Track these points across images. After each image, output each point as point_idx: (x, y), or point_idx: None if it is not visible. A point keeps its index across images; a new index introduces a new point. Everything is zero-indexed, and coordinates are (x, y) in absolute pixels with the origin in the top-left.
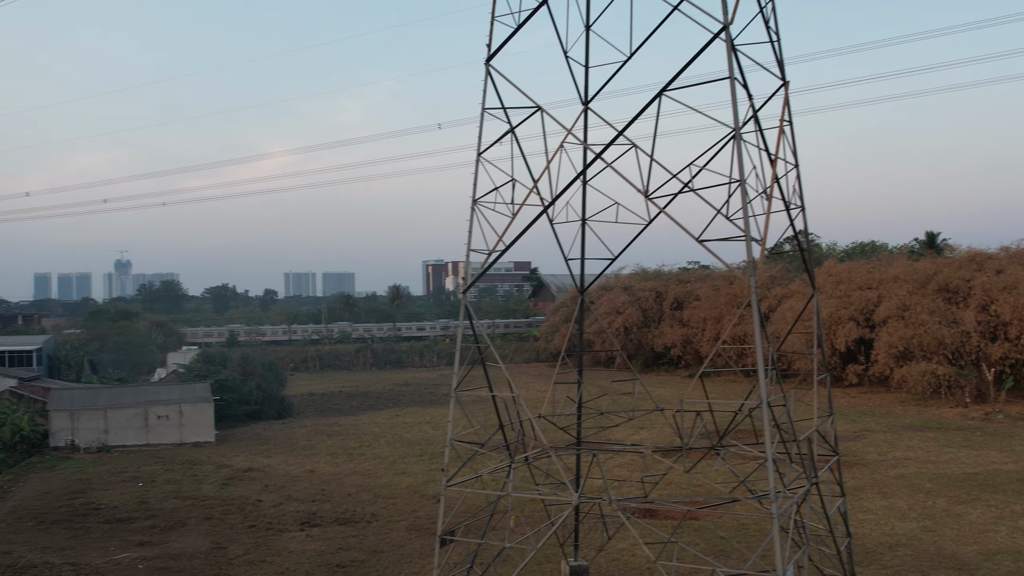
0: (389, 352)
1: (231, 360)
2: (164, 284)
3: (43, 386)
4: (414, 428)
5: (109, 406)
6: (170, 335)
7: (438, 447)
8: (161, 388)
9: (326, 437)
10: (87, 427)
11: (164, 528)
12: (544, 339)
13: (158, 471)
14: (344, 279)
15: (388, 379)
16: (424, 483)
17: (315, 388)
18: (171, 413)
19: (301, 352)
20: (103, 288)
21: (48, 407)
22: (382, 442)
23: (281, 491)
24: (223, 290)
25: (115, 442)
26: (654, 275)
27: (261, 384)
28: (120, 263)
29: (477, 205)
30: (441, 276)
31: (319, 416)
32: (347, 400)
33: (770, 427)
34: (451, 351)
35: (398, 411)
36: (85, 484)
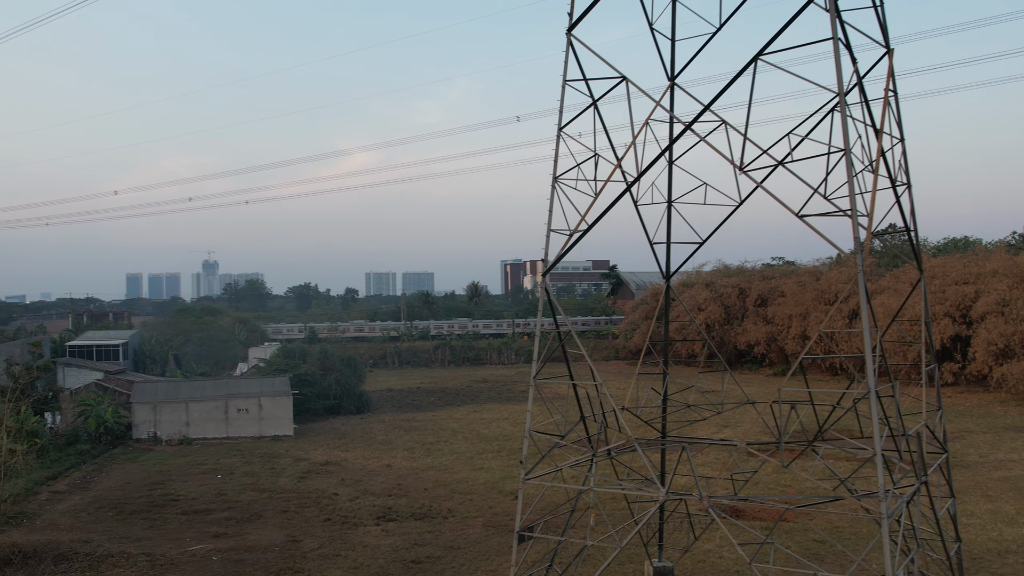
0: (467, 349)
1: (310, 355)
2: (249, 283)
3: (128, 379)
4: (491, 424)
5: (190, 399)
6: (252, 331)
7: (516, 443)
8: (241, 382)
9: (403, 432)
10: (169, 419)
11: (240, 520)
12: (623, 336)
13: (237, 463)
14: (424, 279)
15: (466, 376)
16: (501, 479)
17: (393, 384)
18: (251, 406)
19: (380, 348)
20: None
21: (132, 400)
22: (459, 438)
23: (357, 485)
24: (305, 289)
25: (196, 435)
26: (736, 271)
27: (340, 379)
28: (207, 263)
29: (558, 183)
30: (519, 275)
31: (397, 411)
32: (425, 396)
33: (879, 420)
34: (529, 348)
35: (476, 407)
36: (165, 475)
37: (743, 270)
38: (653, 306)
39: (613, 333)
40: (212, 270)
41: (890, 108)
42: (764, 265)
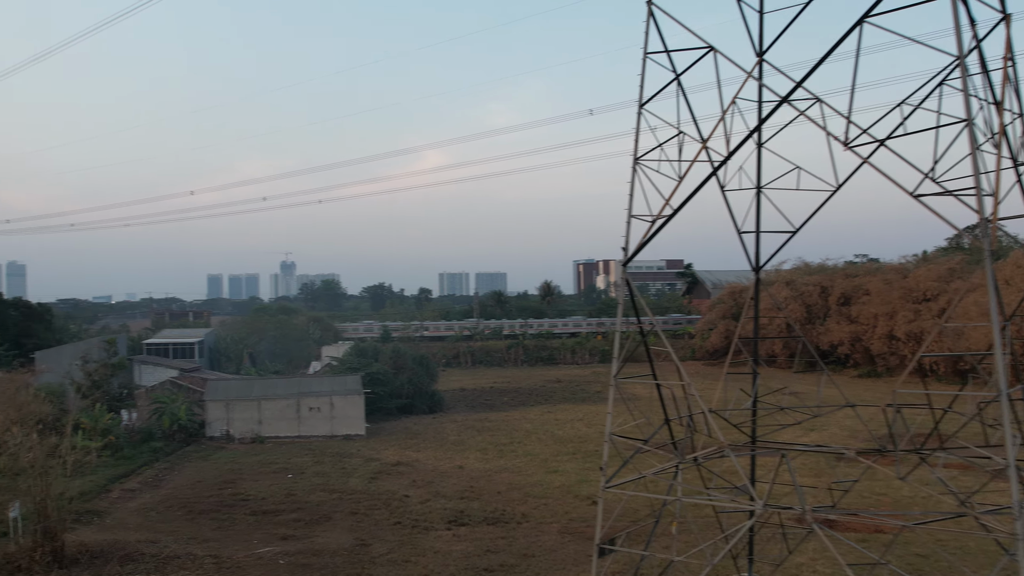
0: (540, 349)
1: (383, 354)
2: (324, 283)
3: (202, 377)
4: (566, 425)
5: (263, 397)
6: (326, 330)
7: (591, 445)
8: (313, 380)
9: (476, 433)
10: (241, 417)
11: (309, 522)
12: (700, 336)
13: (308, 463)
14: (496, 279)
15: (539, 375)
16: (577, 483)
17: (466, 383)
18: (322, 405)
19: (453, 348)
20: (269, 288)
21: (205, 397)
22: (533, 439)
23: (429, 487)
24: (380, 289)
25: (268, 433)
26: (818, 269)
27: (412, 378)
28: (285, 264)
29: (639, 164)
30: (592, 275)
31: (469, 411)
32: (498, 396)
33: (1011, 425)
34: (604, 348)
35: (550, 408)
36: (236, 474)
37: (824, 268)
38: (731, 305)
39: (689, 333)
40: (290, 271)
41: (1009, 82)
42: (847, 263)
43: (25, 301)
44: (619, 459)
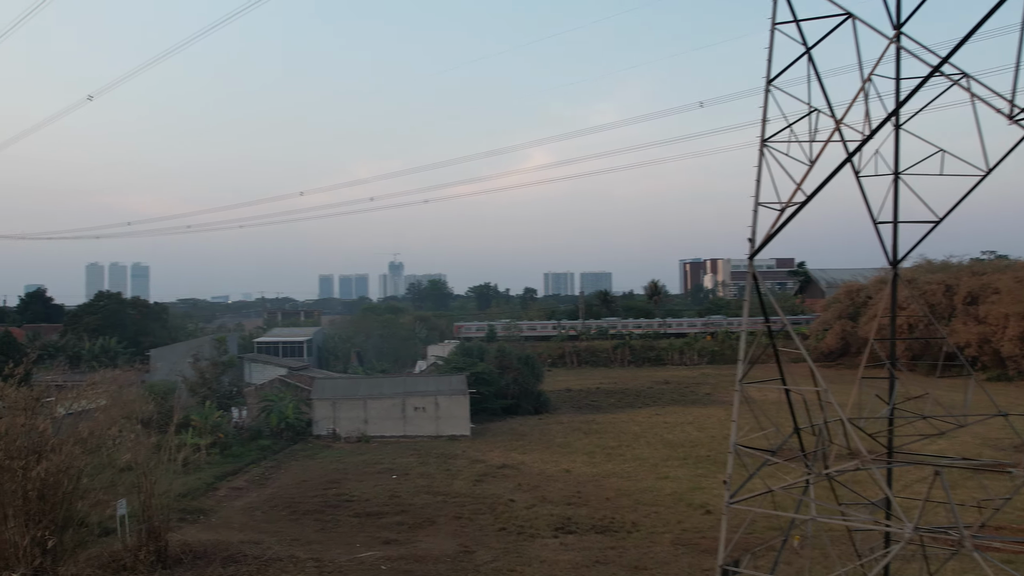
0: (648, 349)
1: (488, 353)
2: (431, 283)
3: (310, 375)
4: (676, 429)
5: (368, 396)
6: (432, 329)
7: (703, 450)
8: (419, 380)
9: (583, 435)
10: (347, 416)
11: (412, 526)
12: (814, 337)
13: (412, 463)
14: (601, 278)
15: (647, 376)
16: (690, 490)
17: (572, 384)
18: (428, 405)
19: (558, 347)
20: (378, 288)
21: (312, 396)
22: (642, 442)
23: (535, 491)
24: (485, 289)
25: (373, 432)
26: (941, 267)
27: (518, 378)
28: (393, 265)
29: (767, 146)
30: (699, 274)
31: (576, 412)
32: (605, 397)
33: None
34: (713, 348)
35: (658, 410)
36: (341, 474)
37: (948, 265)
38: (847, 304)
39: (803, 333)
40: (398, 271)
41: None
42: (972, 260)
43: (143, 300)
44: (743, 471)
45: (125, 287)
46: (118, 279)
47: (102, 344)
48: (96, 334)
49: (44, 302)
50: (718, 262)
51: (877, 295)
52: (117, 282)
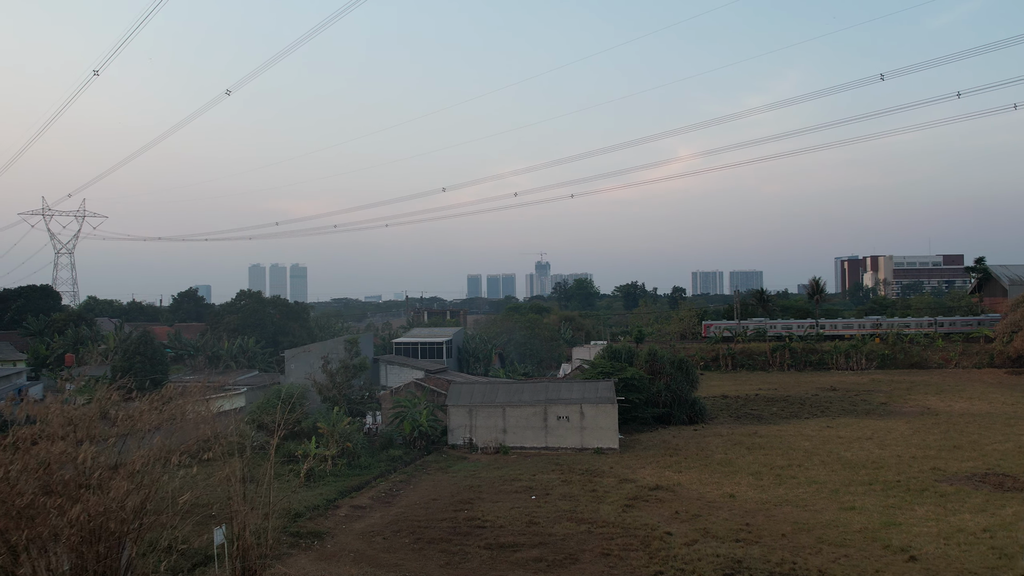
0: (809, 352)
1: (638, 356)
2: (577, 282)
3: (447, 378)
4: (852, 445)
5: (508, 404)
6: (578, 330)
7: (890, 473)
8: (562, 385)
9: (746, 450)
10: (485, 425)
11: (552, 563)
12: (1000, 340)
13: (554, 481)
14: (751, 277)
15: (809, 382)
16: (883, 526)
17: (728, 389)
18: (571, 414)
19: (712, 350)
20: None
21: (447, 402)
22: (815, 461)
23: (695, 521)
24: (632, 288)
25: (512, 443)
26: None
27: (670, 384)
28: (540, 264)
29: None
30: (858, 272)
31: (734, 423)
32: (765, 405)
33: None
34: (883, 352)
35: (828, 421)
36: (474, 492)
37: None
38: None
39: (986, 336)
40: (544, 271)
41: None
42: None
43: (283, 299)
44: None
45: (285, 287)
46: (278, 279)
47: (240, 344)
48: (236, 333)
49: (195, 301)
50: (879, 259)
51: None
52: (277, 282)
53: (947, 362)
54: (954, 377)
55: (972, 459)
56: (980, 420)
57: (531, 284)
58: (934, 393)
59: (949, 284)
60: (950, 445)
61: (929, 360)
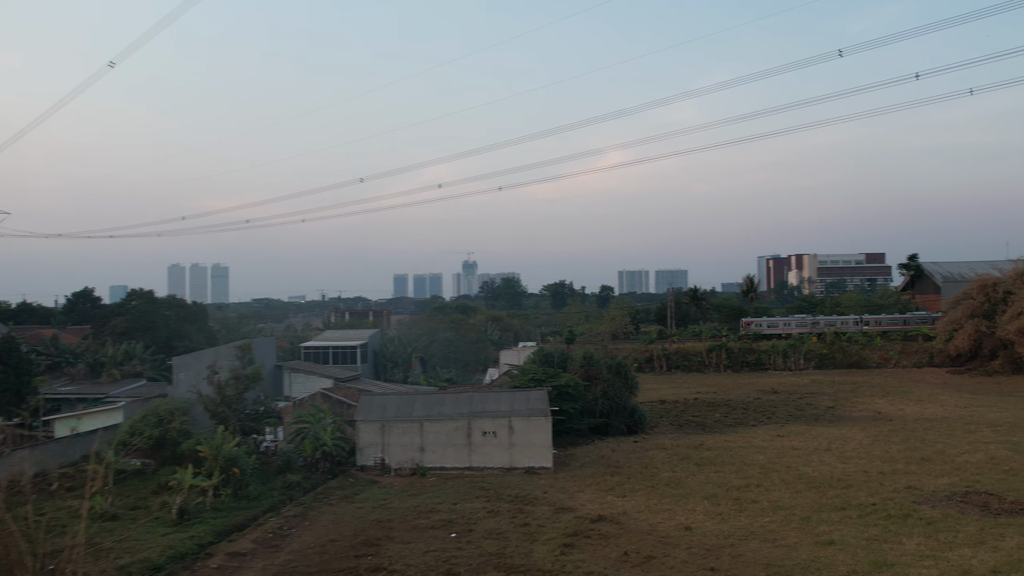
0: (746, 352)
1: (572, 360)
2: (504, 281)
3: (359, 388)
4: (811, 458)
5: (426, 418)
6: (505, 330)
7: (861, 494)
8: (488, 396)
9: (695, 467)
10: (399, 443)
11: None
12: (940, 339)
13: (479, 512)
14: (677, 276)
15: (748, 384)
16: (873, 568)
17: (665, 393)
18: (499, 429)
19: (645, 351)
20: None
21: (356, 417)
22: (775, 479)
23: (649, 566)
24: (560, 287)
25: (431, 462)
26: None
27: (607, 391)
28: (467, 264)
29: None
30: (783, 271)
31: (677, 432)
32: (707, 410)
33: None
34: (821, 352)
35: (778, 429)
36: (383, 529)
37: None
38: (981, 302)
39: (925, 334)
40: (471, 270)
41: None
42: None
43: (179, 300)
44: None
45: (206, 287)
46: (199, 280)
47: (126, 349)
48: (124, 338)
49: (92, 302)
50: (803, 257)
51: (1021, 290)
52: (198, 282)
53: (886, 361)
54: (896, 377)
55: (946, 474)
56: (938, 426)
57: (458, 284)
58: (880, 395)
59: (871, 282)
60: (917, 457)
61: (868, 359)
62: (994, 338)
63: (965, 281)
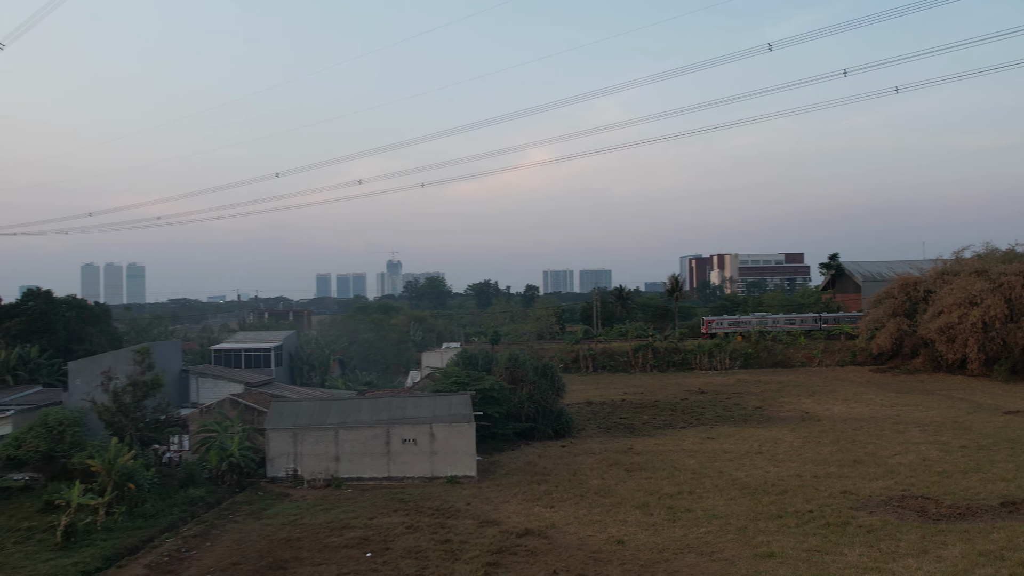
0: (672, 352)
1: (497, 362)
2: (429, 281)
3: (272, 393)
4: (743, 462)
5: (342, 425)
6: (428, 331)
7: (798, 500)
8: (408, 401)
9: (625, 473)
10: (313, 452)
11: None
12: (863, 337)
13: (397, 528)
14: (601, 275)
15: (675, 384)
16: None
17: (592, 395)
18: (420, 436)
19: (571, 351)
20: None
21: (266, 424)
22: (707, 485)
23: None
24: (485, 287)
25: (348, 473)
26: (1016, 256)
27: (534, 393)
28: (391, 263)
29: None
30: (705, 270)
31: (605, 435)
32: (634, 412)
33: None
34: (746, 351)
35: (707, 430)
36: (292, 549)
37: (1014, 254)
38: (902, 300)
39: (847, 332)
40: (396, 269)
41: None
42: None
43: (80, 300)
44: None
45: (121, 287)
46: (114, 279)
47: (19, 353)
48: (19, 340)
49: None
50: (725, 257)
51: (941, 289)
52: (113, 282)
53: (810, 360)
54: (820, 376)
55: (880, 477)
56: (867, 427)
57: (382, 283)
58: (807, 395)
59: (791, 281)
60: (849, 459)
61: (792, 358)
62: (915, 336)
63: (885, 280)
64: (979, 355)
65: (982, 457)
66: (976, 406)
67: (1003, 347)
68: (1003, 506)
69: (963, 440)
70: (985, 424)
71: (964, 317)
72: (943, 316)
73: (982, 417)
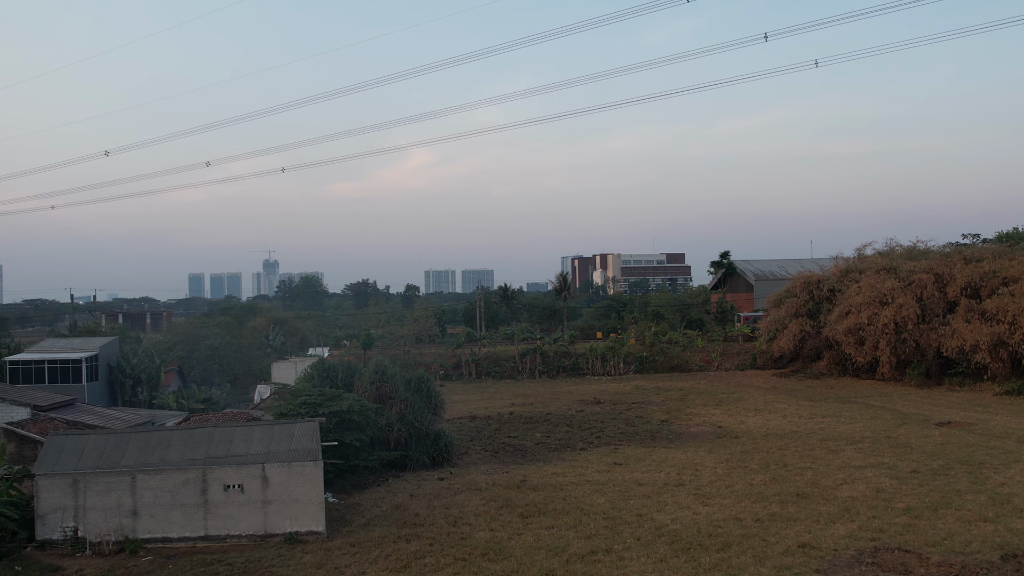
0: (562, 356)
1: (361, 375)
2: (303, 280)
3: (68, 419)
4: (663, 498)
5: (141, 468)
6: (292, 335)
7: (748, 560)
8: (236, 432)
9: (519, 520)
10: (101, 505)
11: None
12: (762, 339)
13: None
14: (483, 275)
15: (567, 393)
16: None
17: (475, 407)
18: (248, 480)
19: (452, 356)
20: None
21: (36, 469)
22: (627, 538)
23: None
24: (364, 286)
25: (148, 532)
26: (921, 253)
27: (405, 413)
28: (268, 263)
29: None
30: (588, 270)
31: (493, 461)
32: (525, 428)
33: None
34: (642, 355)
35: (611, 452)
36: None
37: (928, 252)
38: (805, 300)
39: (746, 334)
40: (272, 269)
41: None
42: (953, 245)
43: None
44: None
45: None
46: None
47: None
48: None
49: None
50: (607, 257)
51: (848, 288)
52: None
53: (708, 364)
54: (722, 382)
55: (836, 519)
56: (793, 445)
57: (258, 283)
58: (713, 404)
59: (672, 281)
60: (790, 492)
61: (690, 362)
62: (819, 338)
63: (777, 279)
64: (891, 358)
65: (943, 486)
66: (902, 416)
67: (916, 349)
68: (1004, 560)
69: (909, 463)
70: (923, 440)
71: (874, 318)
72: (851, 316)
73: (915, 431)
